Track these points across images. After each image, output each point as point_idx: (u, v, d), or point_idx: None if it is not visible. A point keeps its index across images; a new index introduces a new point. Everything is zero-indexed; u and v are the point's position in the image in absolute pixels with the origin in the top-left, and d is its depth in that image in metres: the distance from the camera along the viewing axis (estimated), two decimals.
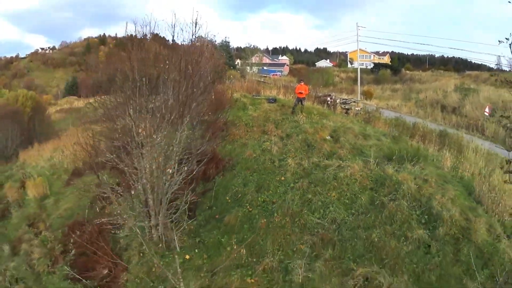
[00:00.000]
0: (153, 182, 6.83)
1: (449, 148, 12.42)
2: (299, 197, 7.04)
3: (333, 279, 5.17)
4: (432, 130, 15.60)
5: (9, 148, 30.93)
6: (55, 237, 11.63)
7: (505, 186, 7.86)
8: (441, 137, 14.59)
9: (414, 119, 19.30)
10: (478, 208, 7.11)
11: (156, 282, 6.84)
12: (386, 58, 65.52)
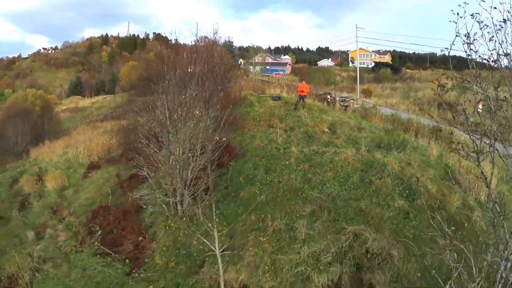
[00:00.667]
0: (180, 163, 8.29)
1: (440, 141, 13.82)
2: (301, 177, 8.53)
3: (328, 235, 6.63)
4: (425, 125, 17.00)
5: (19, 145, 32.52)
6: (79, 222, 13.12)
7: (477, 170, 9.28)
8: (433, 132, 16.01)
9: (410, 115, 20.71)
10: (455, 187, 8.53)
11: (181, 249, 8.30)
12: (387, 57, 66.80)
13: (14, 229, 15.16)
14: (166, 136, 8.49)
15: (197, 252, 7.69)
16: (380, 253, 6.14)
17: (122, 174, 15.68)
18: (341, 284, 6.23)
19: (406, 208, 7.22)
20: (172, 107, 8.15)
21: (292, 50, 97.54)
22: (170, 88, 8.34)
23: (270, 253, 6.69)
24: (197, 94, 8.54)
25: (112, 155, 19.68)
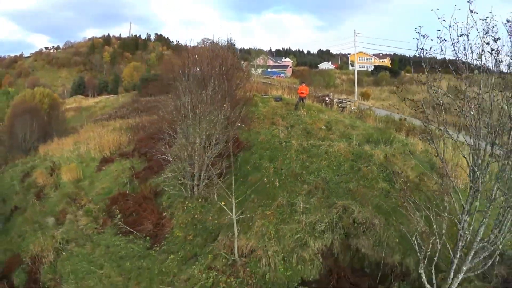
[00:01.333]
0: (198, 151, 9.86)
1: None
2: (300, 165, 10.13)
3: (322, 209, 8.22)
4: (417, 125, 18.63)
5: (27, 142, 33.96)
6: (98, 208, 14.59)
7: (457, 159, 10.78)
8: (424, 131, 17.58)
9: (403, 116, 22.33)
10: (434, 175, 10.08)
11: (198, 224, 9.85)
12: (387, 61, 68.55)
13: (32, 216, 16.51)
14: (187, 128, 10.06)
15: (212, 226, 9.26)
16: (364, 223, 7.72)
17: (136, 167, 17.21)
18: (333, 248, 7.81)
19: (387, 189, 8.79)
20: (195, 103, 9.72)
21: (293, 53, 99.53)
22: (193, 87, 9.91)
23: (274, 224, 8.28)
24: (214, 93, 10.11)
25: (124, 150, 21.23)
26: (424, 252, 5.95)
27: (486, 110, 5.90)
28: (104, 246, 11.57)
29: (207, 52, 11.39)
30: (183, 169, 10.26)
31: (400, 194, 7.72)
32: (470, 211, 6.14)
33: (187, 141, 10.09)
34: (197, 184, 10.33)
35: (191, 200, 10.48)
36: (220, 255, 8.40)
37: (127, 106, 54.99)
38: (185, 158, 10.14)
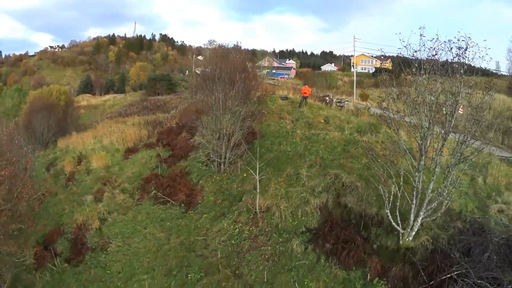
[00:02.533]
0: (226, 136, 13.11)
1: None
2: (303, 148, 13.44)
3: (320, 176, 11.48)
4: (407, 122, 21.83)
5: (45, 136, 37.25)
6: (133, 187, 17.73)
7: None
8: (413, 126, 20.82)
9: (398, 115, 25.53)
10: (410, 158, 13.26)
11: (225, 192, 13.08)
12: (388, 63, 71.74)
13: (68, 196, 19.45)
14: (218, 118, 13.32)
15: (236, 192, 12.53)
16: (350, 185, 10.97)
17: (162, 155, 20.43)
18: (328, 204, 11.07)
19: (369, 162, 12.00)
20: (226, 99, 12.98)
21: (296, 54, 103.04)
22: (224, 85, 13.16)
23: (285, 188, 11.54)
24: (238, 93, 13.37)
25: (148, 141, 24.50)
26: (387, 194, 9.20)
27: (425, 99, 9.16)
28: (145, 213, 14.80)
29: (235, 59, 14.51)
30: (213, 149, 13.52)
31: (368, 152, 10.90)
32: (419, 169, 9.39)
33: (217, 128, 13.34)
34: (223, 161, 13.59)
35: (218, 174, 13.77)
36: (243, 211, 11.67)
37: (136, 105, 58.31)
38: (215, 141, 13.39)
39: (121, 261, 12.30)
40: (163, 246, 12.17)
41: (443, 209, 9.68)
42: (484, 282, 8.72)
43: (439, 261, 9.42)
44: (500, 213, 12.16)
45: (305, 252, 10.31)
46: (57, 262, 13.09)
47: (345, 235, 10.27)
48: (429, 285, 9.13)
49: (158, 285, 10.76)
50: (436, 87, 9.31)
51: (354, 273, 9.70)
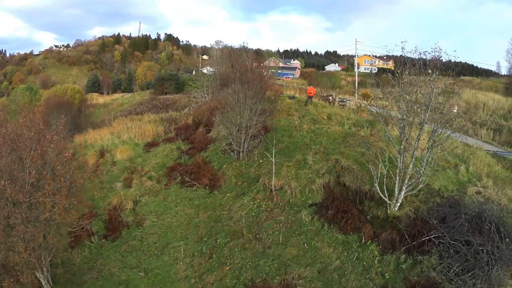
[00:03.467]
0: (244, 128, 15.92)
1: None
2: (309, 139, 16.26)
3: (323, 161, 14.30)
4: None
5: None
6: (159, 175, 20.49)
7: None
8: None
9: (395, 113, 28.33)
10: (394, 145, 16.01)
11: (244, 175, 15.87)
12: (390, 64, 74.35)
13: (96, 185, 22.19)
14: (239, 112, 16.11)
15: (254, 175, 15.35)
16: (348, 168, 13.76)
17: (182, 147, 23.22)
18: (330, 183, 13.87)
19: (364, 152, 14.77)
20: (245, 98, 15.79)
21: (301, 54, 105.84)
22: (244, 86, 15.97)
23: (294, 170, 14.35)
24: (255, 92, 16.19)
25: (167, 136, 27.33)
26: (375, 170, 11.97)
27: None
28: (174, 195, 17.60)
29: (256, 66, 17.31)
30: (234, 140, 16.35)
31: (362, 141, 13.66)
32: (400, 152, 12.16)
33: (237, 122, 16.15)
34: (242, 150, 16.42)
35: (238, 161, 16.62)
36: (261, 190, 14.49)
37: (146, 104, 61.23)
38: (236, 132, 16.22)
39: (156, 233, 15.10)
40: (193, 219, 14.99)
41: (422, 185, 12.42)
42: (457, 243, 11.44)
43: (420, 227, 12.13)
44: (477, 194, 14.77)
45: (311, 221, 13.10)
46: (94, 239, 15.78)
47: (344, 207, 13.04)
48: (412, 245, 11.85)
49: (191, 249, 13.56)
50: (412, 89, 12.02)
51: (351, 237, 12.47)
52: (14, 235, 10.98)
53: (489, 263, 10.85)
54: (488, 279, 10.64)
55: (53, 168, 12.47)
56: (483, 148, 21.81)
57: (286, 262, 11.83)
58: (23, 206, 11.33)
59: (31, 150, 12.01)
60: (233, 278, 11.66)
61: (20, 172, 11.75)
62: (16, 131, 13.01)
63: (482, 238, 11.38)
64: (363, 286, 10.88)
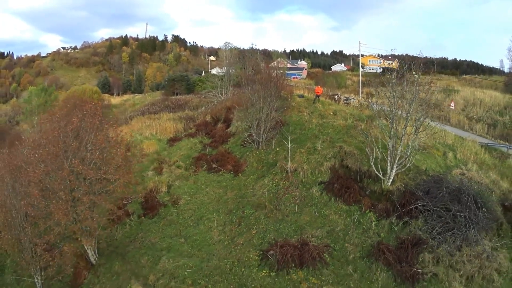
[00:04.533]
0: (263, 122, 19.51)
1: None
2: (317, 131, 19.84)
3: (329, 148, 17.86)
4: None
5: None
6: (186, 164, 24.08)
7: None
8: None
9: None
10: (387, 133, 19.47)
11: (263, 161, 19.46)
12: (395, 63, 77.48)
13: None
14: (258, 109, 19.69)
15: (272, 161, 18.93)
16: (350, 153, 17.28)
17: (204, 141, 26.83)
18: (335, 166, 17.40)
19: (363, 139, 18.25)
20: (265, 96, 19.39)
21: (307, 54, 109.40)
22: (263, 86, 19.54)
23: (306, 156, 17.90)
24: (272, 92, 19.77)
25: (188, 132, 31.00)
26: (372, 154, 15.47)
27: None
28: (203, 179, 21.19)
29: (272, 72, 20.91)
30: (254, 131, 19.97)
31: (361, 132, 17.13)
32: (390, 137, 15.64)
33: (257, 116, 19.74)
34: (261, 141, 20.02)
35: (257, 150, 20.24)
36: (278, 172, 18.05)
37: (158, 104, 65.03)
38: (255, 125, 19.83)
39: (191, 209, 18.68)
40: (222, 197, 18.59)
41: (409, 164, 15.86)
42: (439, 209, 14.80)
43: (408, 198, 15.55)
44: (461, 175, 18.13)
45: (321, 195, 16.63)
46: (132, 218, 19.35)
47: (347, 184, 16.54)
48: (402, 212, 15.24)
49: (222, 219, 17.13)
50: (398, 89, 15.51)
51: (353, 207, 15.95)
52: (79, 205, 14.41)
53: (466, 226, 14.10)
54: (466, 238, 13.85)
55: (111, 150, 16.03)
56: (476, 141, 25.14)
57: (301, 225, 15.35)
58: (88, 180, 14.91)
59: (94, 135, 15.56)
60: (259, 239, 15.20)
61: (86, 153, 15.32)
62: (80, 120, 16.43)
63: (460, 206, 14.65)
64: (363, 242, 14.34)
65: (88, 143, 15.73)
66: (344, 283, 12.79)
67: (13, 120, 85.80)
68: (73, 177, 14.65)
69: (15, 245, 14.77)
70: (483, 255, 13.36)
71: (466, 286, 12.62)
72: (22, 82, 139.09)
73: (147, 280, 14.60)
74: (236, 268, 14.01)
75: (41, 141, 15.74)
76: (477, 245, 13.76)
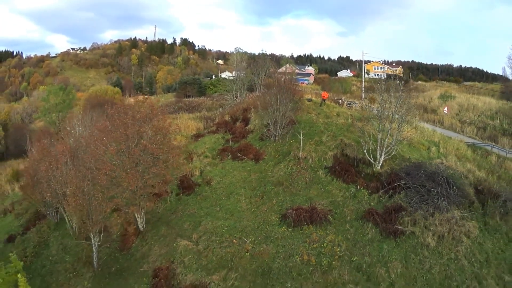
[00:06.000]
0: (280, 119, 25.23)
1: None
2: (323, 128, 25.66)
3: (332, 140, 23.64)
4: None
5: None
6: (212, 155, 29.82)
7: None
8: None
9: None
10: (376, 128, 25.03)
11: (279, 151, 25.15)
12: (399, 70, 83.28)
13: None
14: (276, 109, 25.37)
15: (286, 150, 24.64)
16: (349, 144, 22.97)
17: (225, 137, 32.56)
18: (337, 154, 23.06)
19: (359, 134, 23.83)
20: (281, 98, 25.10)
21: (314, 60, 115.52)
22: (278, 89, 25.26)
23: (314, 146, 23.68)
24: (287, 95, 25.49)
25: (209, 130, 36.76)
26: (366, 145, 21.11)
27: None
28: (229, 165, 26.88)
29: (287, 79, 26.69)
30: (272, 127, 25.68)
31: (359, 129, 22.77)
32: (379, 131, 21.29)
33: (274, 115, 25.42)
34: (277, 135, 25.73)
35: (274, 143, 26.01)
36: (292, 159, 23.73)
37: (172, 105, 71.00)
38: (273, 122, 25.54)
39: (222, 187, 24.31)
40: (247, 178, 24.24)
41: (394, 152, 21.43)
42: (416, 186, 20.28)
43: (393, 178, 21.08)
44: (439, 163, 23.55)
45: (325, 176, 22.24)
46: (171, 196, 24.95)
47: (346, 168, 22.13)
48: (388, 188, 20.74)
49: (249, 194, 22.73)
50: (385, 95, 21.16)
51: (350, 185, 21.51)
52: (146, 175, 20.03)
53: (438, 199, 19.45)
54: (438, 207, 19.06)
55: (165, 135, 21.66)
56: (463, 140, 30.62)
57: (310, 197, 20.94)
58: (152, 156, 20.50)
59: (150, 123, 21.18)
60: (279, 206, 20.78)
61: (150, 136, 20.97)
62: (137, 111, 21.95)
63: (434, 184, 20.09)
64: (357, 209, 19.85)
65: (151, 128, 21.44)
66: (343, 235, 18.29)
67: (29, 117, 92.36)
68: (141, 154, 20.32)
69: (85, 209, 20.20)
70: (452, 221, 18.49)
71: (438, 243, 17.54)
72: (31, 82, 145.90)
73: (191, 239, 20.13)
74: (262, 226, 19.58)
75: (112, 127, 21.45)
76: (447, 213, 19.01)
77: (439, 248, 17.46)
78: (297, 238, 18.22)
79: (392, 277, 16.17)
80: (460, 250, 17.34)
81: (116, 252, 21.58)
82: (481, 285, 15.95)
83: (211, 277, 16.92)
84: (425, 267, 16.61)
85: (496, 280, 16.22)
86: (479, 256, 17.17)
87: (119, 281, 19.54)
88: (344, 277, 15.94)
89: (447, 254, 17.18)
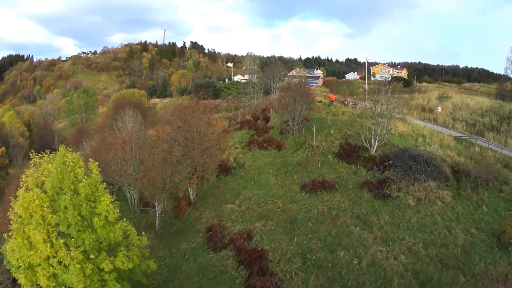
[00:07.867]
0: (296, 117, 34.17)
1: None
2: (331, 123, 34.71)
3: (338, 133, 32.59)
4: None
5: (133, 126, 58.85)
6: (242, 145, 38.86)
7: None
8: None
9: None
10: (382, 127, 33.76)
11: (297, 141, 34.06)
12: (403, 72, 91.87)
13: None
14: (294, 108, 34.27)
15: (302, 141, 33.61)
16: (351, 135, 31.90)
17: (250, 133, 41.63)
18: (342, 143, 31.97)
19: (359, 128, 32.57)
20: (298, 99, 34.00)
21: (322, 62, 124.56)
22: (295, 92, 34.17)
23: (324, 137, 32.64)
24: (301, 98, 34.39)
25: (234, 127, 45.82)
26: (364, 135, 30.01)
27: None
28: (257, 153, 36.07)
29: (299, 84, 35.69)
30: (290, 123, 34.64)
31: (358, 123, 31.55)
32: (373, 124, 30.15)
33: (292, 113, 34.33)
34: (294, 129, 34.68)
35: (292, 135, 35.02)
36: (307, 147, 32.66)
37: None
38: (291, 119, 34.50)
39: (253, 169, 33.27)
40: (272, 162, 33.20)
41: (385, 140, 30.24)
42: (401, 164, 29.03)
43: (384, 159, 29.92)
44: (423, 150, 32.14)
45: (333, 159, 31.15)
46: (212, 176, 33.85)
47: (349, 152, 30.99)
48: (380, 167, 29.53)
49: (275, 173, 31.63)
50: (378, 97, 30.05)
51: (352, 166, 30.39)
52: (205, 154, 29.15)
53: (418, 173, 28.17)
54: (417, 179, 27.66)
55: (215, 126, 30.82)
56: (451, 134, 39.23)
57: (322, 174, 29.80)
58: (208, 141, 29.60)
59: (200, 118, 30.29)
60: (299, 180, 29.65)
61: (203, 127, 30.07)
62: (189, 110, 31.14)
63: (415, 163, 28.85)
64: (357, 181, 28.60)
65: (205, 121, 30.55)
66: (346, 197, 27.03)
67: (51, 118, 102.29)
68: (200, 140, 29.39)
69: (155, 182, 29.17)
70: (428, 188, 27.13)
71: (417, 203, 26.02)
72: (44, 85, 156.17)
73: (234, 203, 29.01)
74: (287, 193, 28.44)
75: (175, 121, 30.49)
76: (425, 183, 27.69)
77: (418, 207, 25.77)
78: (313, 199, 27.04)
79: (381, 223, 24.74)
80: (434, 210, 25.47)
81: (172, 218, 30.44)
82: (450, 233, 23.72)
83: (255, 225, 25.69)
84: (406, 218, 25.05)
85: (464, 232, 23.85)
86: (451, 215, 25.16)
87: (178, 238, 28.29)
88: (347, 222, 24.63)
89: (424, 211, 25.41)
